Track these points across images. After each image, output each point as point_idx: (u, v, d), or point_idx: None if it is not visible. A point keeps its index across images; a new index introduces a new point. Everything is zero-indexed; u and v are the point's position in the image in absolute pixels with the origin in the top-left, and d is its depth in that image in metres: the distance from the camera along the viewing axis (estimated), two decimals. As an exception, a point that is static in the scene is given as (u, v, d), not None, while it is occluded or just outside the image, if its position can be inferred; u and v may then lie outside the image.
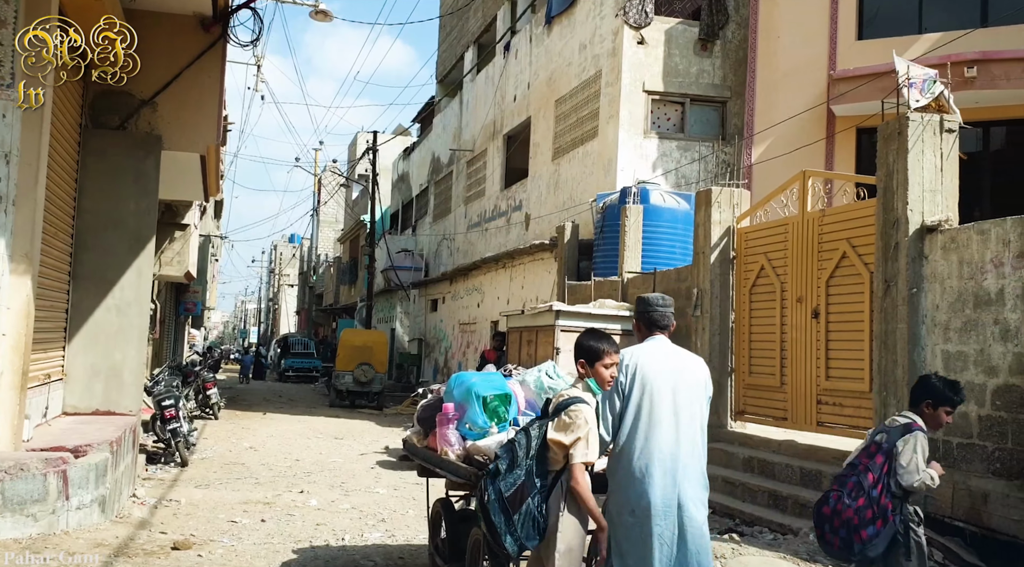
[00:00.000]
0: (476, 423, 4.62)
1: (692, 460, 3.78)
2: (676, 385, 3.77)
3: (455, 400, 4.80)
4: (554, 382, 4.96)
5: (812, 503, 7.47)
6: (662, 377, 3.76)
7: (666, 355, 3.86)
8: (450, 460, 4.61)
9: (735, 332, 9.96)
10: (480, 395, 4.68)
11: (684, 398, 3.78)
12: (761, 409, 9.49)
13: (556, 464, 3.64)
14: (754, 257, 9.72)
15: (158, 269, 17.46)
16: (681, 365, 3.88)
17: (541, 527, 3.55)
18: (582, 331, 4.10)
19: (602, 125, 15.85)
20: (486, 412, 4.67)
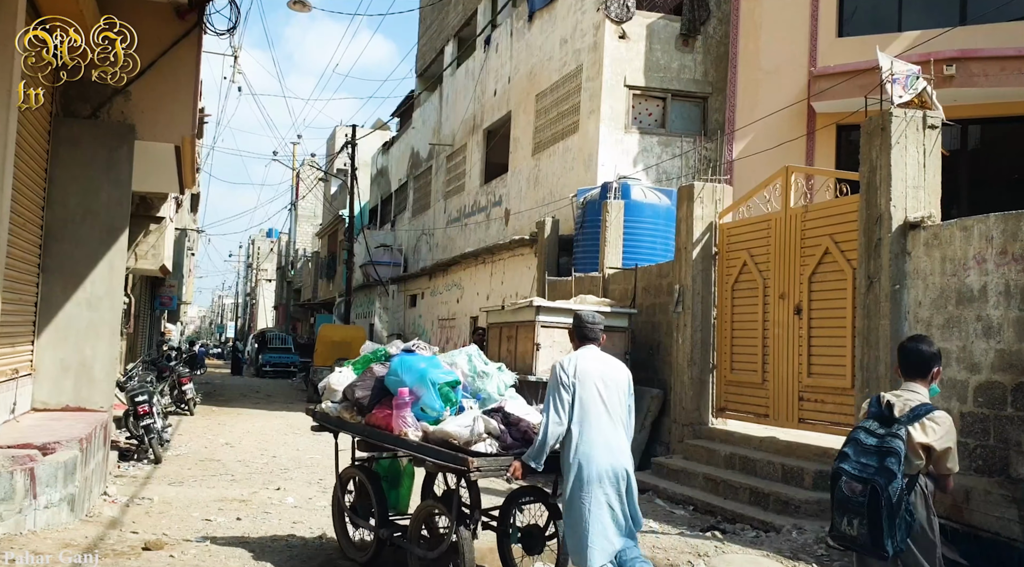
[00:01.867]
0: (433, 408, 5.07)
1: (624, 441, 4.83)
2: (607, 383, 4.81)
3: (408, 385, 5.15)
4: (484, 367, 5.55)
5: (794, 500, 7.46)
6: (597, 377, 4.78)
7: (597, 360, 4.89)
8: (424, 444, 5.07)
9: (717, 329, 9.92)
10: (434, 381, 5.12)
11: (613, 393, 4.82)
12: (743, 406, 9.45)
13: (912, 468, 4.00)
14: (736, 253, 9.68)
15: (132, 262, 17.18)
16: (610, 368, 4.92)
17: (910, 529, 3.95)
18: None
19: (583, 120, 15.77)
20: (440, 397, 5.12)
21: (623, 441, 4.81)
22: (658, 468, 9.57)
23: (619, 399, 4.85)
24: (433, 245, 25.09)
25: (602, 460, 4.65)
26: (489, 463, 4.80)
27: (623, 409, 4.87)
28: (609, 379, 4.84)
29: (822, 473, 7.65)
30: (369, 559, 5.61)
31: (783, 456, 8.34)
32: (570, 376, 4.74)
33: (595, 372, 4.80)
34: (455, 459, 4.80)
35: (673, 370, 10.19)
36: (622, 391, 4.90)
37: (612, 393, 4.82)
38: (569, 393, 4.70)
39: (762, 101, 14.68)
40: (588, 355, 4.88)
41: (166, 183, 10.92)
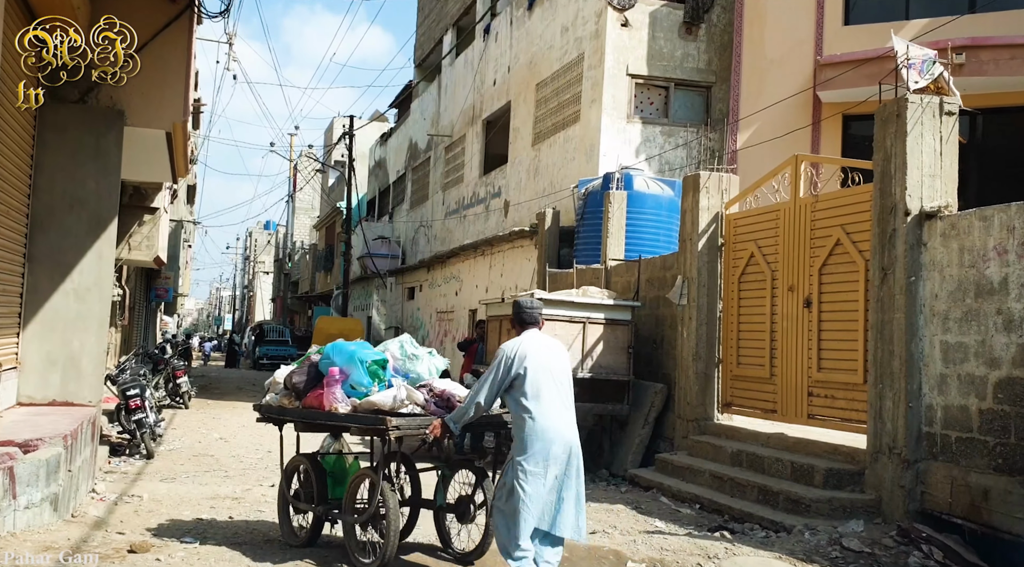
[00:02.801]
0: (362, 383, 5.40)
1: (572, 416, 5.12)
2: (552, 363, 5.08)
3: (338, 365, 5.50)
4: (415, 350, 5.82)
5: (805, 499, 7.23)
6: (543, 358, 5.03)
7: (542, 343, 5.16)
8: (352, 413, 5.38)
9: (723, 322, 9.67)
10: (362, 359, 5.46)
11: (559, 372, 5.12)
12: (749, 401, 9.22)
13: None
14: (744, 244, 9.43)
15: (126, 253, 16.93)
16: (552, 349, 5.21)
17: None
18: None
19: (584, 109, 15.49)
20: (368, 374, 5.44)
21: (573, 420, 5.11)
22: (662, 465, 9.34)
23: (566, 380, 5.16)
24: (431, 237, 24.82)
25: (557, 438, 4.93)
26: (407, 422, 5.13)
27: (569, 389, 5.16)
28: (556, 361, 5.14)
29: (833, 471, 7.43)
30: (306, 540, 5.83)
31: (792, 453, 8.10)
32: (517, 360, 4.98)
33: (543, 354, 5.07)
34: (375, 421, 5.13)
35: (677, 364, 9.96)
36: (567, 372, 5.21)
37: (560, 374, 5.12)
38: (514, 377, 4.96)
39: (767, 90, 14.42)
40: (533, 338, 5.14)
41: (158, 172, 10.66)
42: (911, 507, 6.74)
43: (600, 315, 10.26)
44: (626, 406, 10.24)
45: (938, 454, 6.67)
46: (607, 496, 8.71)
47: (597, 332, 10.24)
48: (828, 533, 6.49)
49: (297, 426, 6.01)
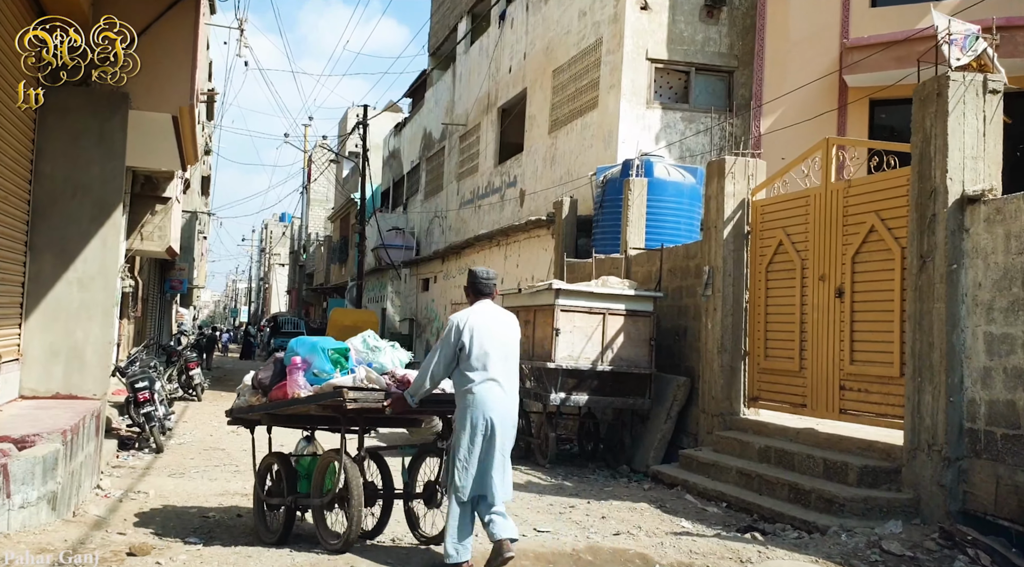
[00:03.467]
0: (323, 369, 5.55)
1: (514, 386, 5.25)
2: (502, 333, 5.20)
3: (301, 355, 5.66)
4: (377, 343, 5.92)
5: (839, 498, 6.88)
6: (492, 328, 5.16)
7: (492, 313, 5.28)
8: (310, 394, 5.46)
9: (749, 313, 9.31)
10: (324, 348, 5.64)
11: (509, 344, 5.24)
12: (777, 395, 8.86)
13: None
14: (771, 232, 9.06)
15: (139, 243, 16.72)
16: (503, 319, 5.31)
17: None
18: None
19: (602, 95, 15.12)
20: (330, 362, 5.57)
21: (515, 390, 5.26)
22: (686, 461, 9.00)
23: (514, 350, 5.28)
24: (446, 228, 24.51)
25: (499, 405, 5.07)
26: (364, 395, 5.23)
27: (516, 359, 5.30)
28: (504, 331, 5.24)
29: (868, 469, 7.07)
30: (279, 536, 5.81)
31: (823, 449, 7.75)
32: (465, 330, 5.09)
33: (492, 324, 5.19)
34: (333, 395, 5.24)
35: (702, 357, 9.61)
36: (515, 342, 5.33)
37: (508, 344, 5.23)
38: (460, 347, 5.08)
39: (791, 74, 14.00)
40: (484, 309, 5.26)
41: (167, 159, 10.39)
42: (952, 507, 6.38)
43: (621, 306, 9.93)
44: (648, 400, 9.91)
45: (981, 452, 6.31)
46: (629, 494, 8.39)
47: (618, 323, 9.90)
48: (865, 535, 6.15)
49: (265, 420, 6.14)
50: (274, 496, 6.02)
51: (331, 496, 5.40)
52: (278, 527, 5.92)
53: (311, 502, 5.63)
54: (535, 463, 10.11)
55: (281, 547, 5.55)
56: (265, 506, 6.16)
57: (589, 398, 9.75)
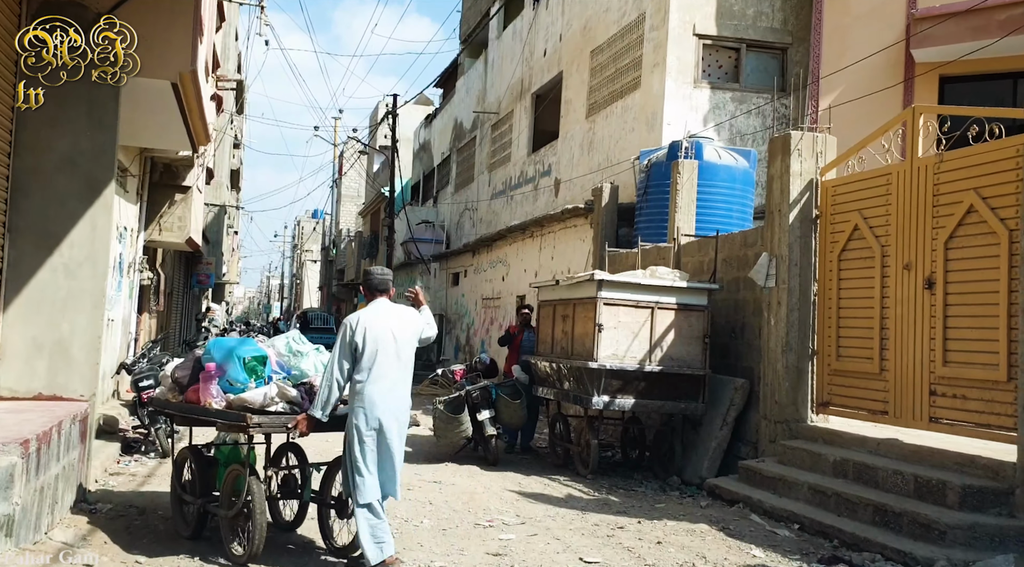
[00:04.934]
0: (238, 380, 5.41)
1: (408, 382, 5.27)
2: (396, 331, 5.16)
3: (216, 361, 5.49)
4: (301, 347, 5.82)
5: (939, 524, 5.83)
6: (386, 327, 5.13)
7: (387, 312, 5.24)
8: (217, 409, 5.37)
9: (818, 307, 8.26)
10: (240, 356, 5.46)
11: (404, 343, 5.22)
12: (852, 400, 7.81)
13: None
14: (845, 215, 8.00)
15: (157, 234, 16.01)
16: (399, 317, 5.26)
17: None
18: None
19: (645, 75, 14.08)
20: (245, 370, 5.43)
21: (407, 392, 5.27)
22: (747, 474, 7.98)
23: (408, 349, 5.24)
24: (477, 221, 23.61)
25: (389, 405, 5.07)
26: (271, 420, 5.18)
27: (410, 357, 5.28)
28: (401, 329, 5.20)
29: (971, 489, 6.02)
30: (193, 532, 5.72)
31: (913, 464, 6.70)
32: (359, 330, 5.06)
33: (387, 323, 5.16)
34: (238, 417, 5.15)
35: (763, 357, 8.58)
36: (410, 340, 5.27)
37: (402, 342, 5.20)
38: (354, 348, 5.04)
39: (851, 51, 12.84)
40: (379, 307, 5.24)
41: (173, 138, 9.57)
42: (1081, 538, 5.33)
43: (671, 299, 8.92)
44: (702, 404, 8.90)
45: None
46: (685, 511, 7.39)
47: (668, 319, 8.91)
48: (980, 572, 5.12)
49: (176, 420, 6.22)
50: (188, 493, 5.87)
51: (236, 510, 5.26)
52: (193, 520, 5.81)
53: (218, 511, 5.47)
54: (575, 473, 9.15)
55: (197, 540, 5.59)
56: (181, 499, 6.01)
57: (636, 402, 8.76)
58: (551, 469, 9.48)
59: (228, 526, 5.34)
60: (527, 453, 10.62)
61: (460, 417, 9.42)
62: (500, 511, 7.20)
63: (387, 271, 5.50)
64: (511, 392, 9.88)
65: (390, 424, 5.08)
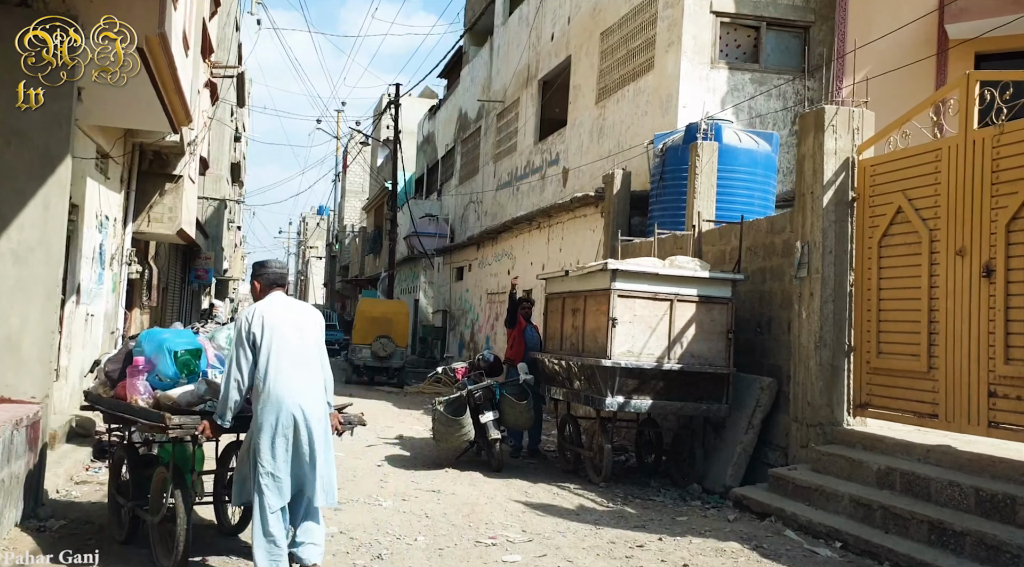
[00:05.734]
0: (167, 374, 5.02)
1: (319, 388, 4.80)
2: (301, 329, 4.80)
3: (146, 354, 5.10)
4: None
5: (1009, 546, 5.05)
6: (290, 323, 4.76)
7: (287, 306, 4.88)
8: (139, 406, 4.96)
9: (856, 298, 7.49)
10: (171, 349, 5.06)
11: (308, 339, 4.81)
12: (895, 402, 7.03)
13: None
14: (887, 196, 7.22)
15: (147, 226, 15.28)
16: (302, 313, 4.91)
17: None
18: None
19: (659, 55, 13.30)
20: (177, 365, 5.04)
21: (318, 388, 4.78)
22: (778, 483, 7.21)
23: (314, 343, 4.83)
24: (482, 213, 22.85)
25: (297, 401, 4.62)
26: (190, 421, 4.74)
27: (319, 355, 4.85)
28: (302, 324, 4.81)
29: (1044, 505, 5.25)
30: (126, 537, 5.38)
31: (971, 475, 5.93)
32: (255, 322, 4.67)
33: (287, 318, 4.77)
34: (158, 417, 4.78)
35: (794, 353, 7.81)
36: (315, 334, 4.87)
37: (307, 339, 4.79)
38: (252, 341, 4.64)
39: (879, 28, 12.03)
40: (277, 302, 4.84)
41: (150, 117, 8.82)
42: None
43: (692, 291, 8.16)
44: (725, 405, 8.13)
45: None
46: (710, 526, 6.62)
47: (688, 312, 8.14)
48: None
49: (105, 418, 5.66)
50: (121, 495, 5.47)
51: (160, 515, 4.88)
52: (127, 523, 5.44)
53: (145, 516, 5.12)
54: (586, 480, 8.40)
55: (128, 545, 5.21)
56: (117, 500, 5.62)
57: (654, 403, 8.00)
58: (560, 476, 8.73)
59: (156, 532, 5.00)
60: (534, 457, 9.87)
61: (461, 419, 8.66)
62: (504, 525, 6.45)
63: (283, 262, 5.14)
64: (517, 392, 9.12)
65: (301, 422, 4.59)
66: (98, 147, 10.38)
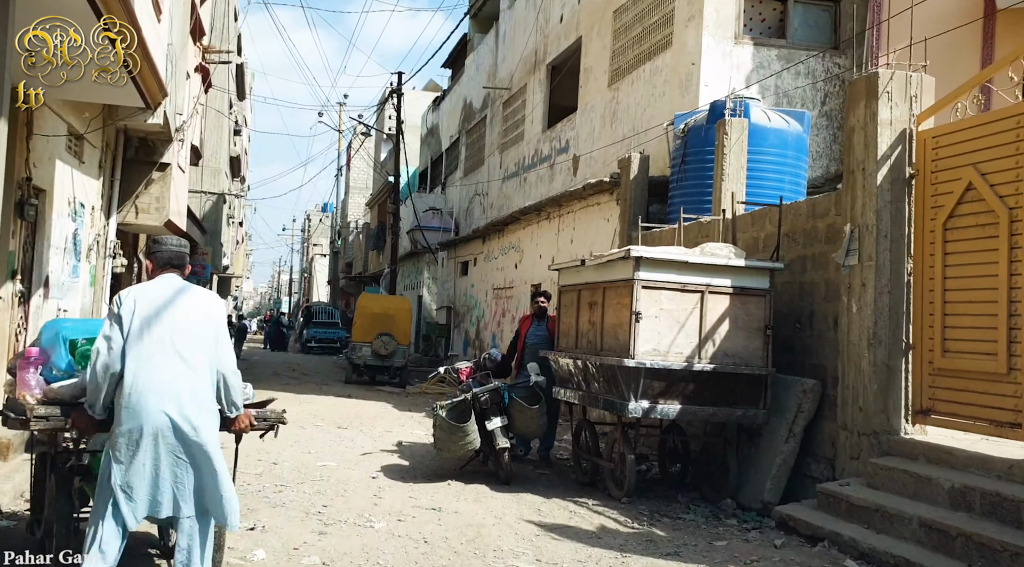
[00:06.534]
0: (59, 366, 4.51)
1: (199, 390, 3.94)
2: (181, 318, 3.98)
3: (42, 345, 4.60)
4: None
5: None
6: (168, 309, 3.99)
7: (173, 291, 4.08)
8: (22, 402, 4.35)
9: (914, 288, 6.56)
10: (68, 338, 4.56)
11: (191, 331, 3.98)
12: (965, 408, 6.10)
13: None
14: (953, 172, 6.29)
15: (134, 217, 14.41)
16: (188, 299, 4.07)
17: None
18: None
19: (678, 31, 12.37)
20: (76, 356, 4.52)
21: (200, 390, 3.96)
22: (829, 501, 6.29)
23: (202, 338, 4.03)
24: (487, 206, 21.94)
25: (154, 409, 3.82)
26: (58, 412, 4.14)
27: (208, 350, 4.03)
28: (190, 313, 4.05)
29: None
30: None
31: (1070, 497, 5.01)
32: (126, 304, 3.95)
33: (166, 303, 4.04)
34: (20, 410, 4.28)
35: (842, 352, 6.89)
36: (206, 329, 4.07)
37: (192, 331, 4.01)
38: (120, 323, 3.91)
39: (918, -2, 11.10)
40: (162, 283, 4.14)
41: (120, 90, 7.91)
42: None
43: (726, 281, 7.24)
44: (763, 411, 7.21)
45: None
46: (756, 553, 5.69)
47: (721, 305, 7.23)
48: None
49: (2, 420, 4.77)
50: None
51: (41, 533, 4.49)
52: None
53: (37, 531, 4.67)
54: (605, 494, 7.50)
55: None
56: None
57: (683, 408, 7.08)
58: (576, 489, 7.83)
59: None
60: (545, 466, 8.97)
61: (465, 426, 7.74)
62: (515, 553, 5.56)
63: (183, 242, 4.34)
64: (528, 395, 8.21)
65: (166, 427, 3.83)
66: (69, 127, 9.52)
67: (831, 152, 12.08)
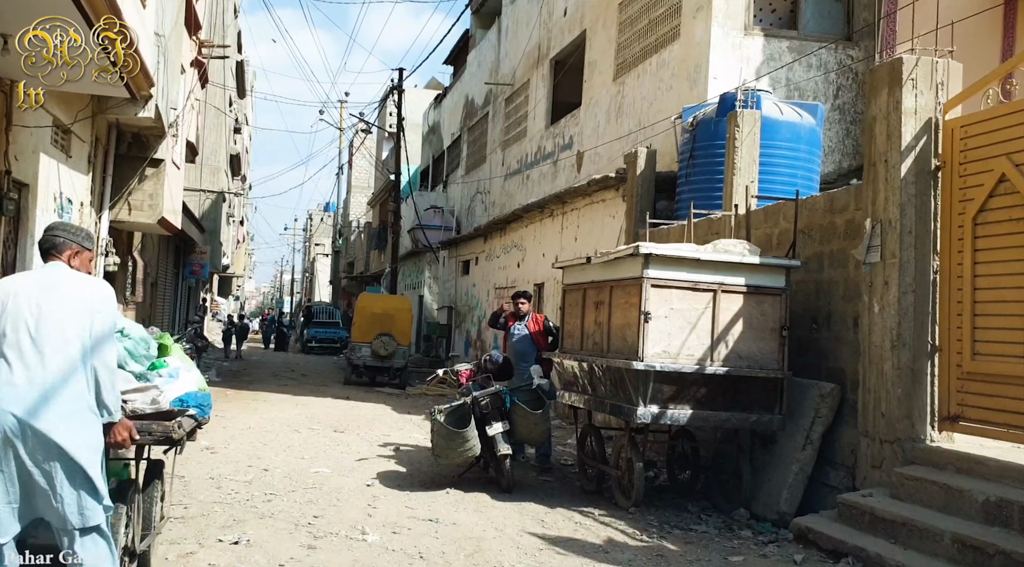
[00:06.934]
0: None
1: (62, 384, 3.56)
2: (46, 309, 3.62)
3: None
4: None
5: None
6: (36, 299, 3.63)
7: (50, 280, 3.73)
8: None
9: (940, 287, 6.18)
10: None
11: (52, 323, 3.59)
12: (998, 415, 5.71)
13: None
14: (984, 163, 5.91)
15: (127, 215, 14.06)
16: (69, 290, 3.70)
17: None
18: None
19: (686, 22, 11.99)
20: None
21: (65, 392, 3.52)
22: (851, 513, 5.91)
23: (70, 331, 3.59)
24: (489, 204, 21.57)
25: (19, 403, 3.44)
26: None
27: (72, 343, 3.58)
28: (61, 304, 3.62)
29: None
30: None
31: (1117, 512, 4.63)
32: None
33: (35, 292, 3.62)
34: None
35: (863, 354, 6.51)
36: (74, 324, 3.61)
37: (52, 323, 3.58)
38: None
39: (934, -12, 10.72)
40: (43, 274, 3.76)
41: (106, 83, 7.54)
42: None
43: (739, 279, 6.87)
44: (778, 416, 6.84)
45: None
46: (772, 570, 5.33)
47: (735, 305, 6.85)
48: None
49: None
50: None
51: None
52: None
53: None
54: (612, 504, 7.12)
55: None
56: None
57: (694, 413, 6.71)
58: (581, 498, 7.46)
59: None
60: (545, 472, 8.59)
61: (465, 432, 7.37)
62: (517, 569, 5.19)
63: (73, 228, 3.94)
64: (531, 399, 7.84)
65: (15, 431, 3.43)
66: (55, 119, 9.16)
67: (843, 147, 11.70)
